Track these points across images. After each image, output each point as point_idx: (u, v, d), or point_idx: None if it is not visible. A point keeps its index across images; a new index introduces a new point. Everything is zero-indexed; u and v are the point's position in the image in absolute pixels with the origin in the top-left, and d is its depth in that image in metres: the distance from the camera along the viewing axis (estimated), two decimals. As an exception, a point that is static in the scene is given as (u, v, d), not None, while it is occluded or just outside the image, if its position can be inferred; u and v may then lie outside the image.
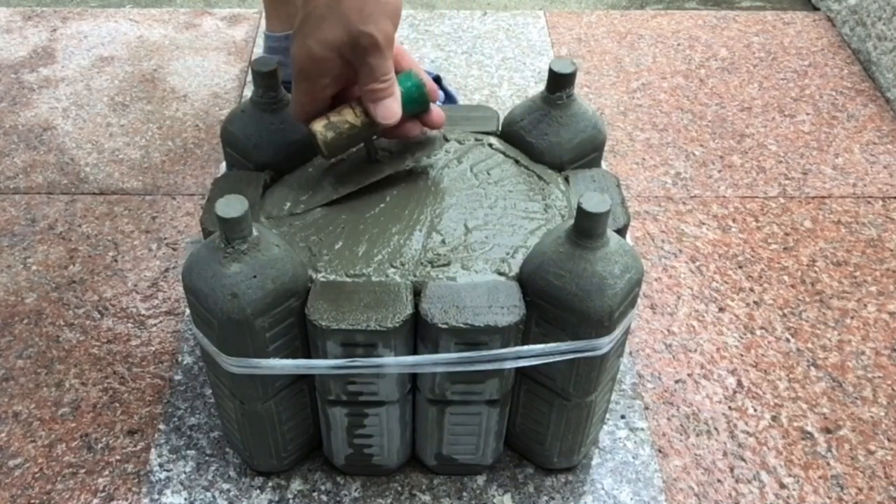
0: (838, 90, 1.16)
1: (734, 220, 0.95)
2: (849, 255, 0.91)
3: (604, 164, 0.73)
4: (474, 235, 0.62)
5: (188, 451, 0.72)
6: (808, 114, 1.12)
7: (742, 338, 0.82)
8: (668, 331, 0.83)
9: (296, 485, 0.69)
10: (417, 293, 0.58)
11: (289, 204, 0.64)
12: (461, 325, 0.55)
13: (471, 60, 1.22)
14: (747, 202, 0.98)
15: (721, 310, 0.85)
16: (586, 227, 0.55)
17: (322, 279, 0.59)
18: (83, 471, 0.70)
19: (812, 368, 0.79)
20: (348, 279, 0.59)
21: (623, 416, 0.75)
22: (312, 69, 0.59)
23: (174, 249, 0.91)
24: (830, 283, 0.88)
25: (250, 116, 0.67)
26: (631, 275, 0.56)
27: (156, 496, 0.68)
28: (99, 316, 0.83)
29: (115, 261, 0.89)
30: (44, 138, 1.06)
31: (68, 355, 0.79)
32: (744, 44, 1.26)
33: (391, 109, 0.60)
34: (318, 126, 0.61)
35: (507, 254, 0.61)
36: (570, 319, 0.56)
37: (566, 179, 0.67)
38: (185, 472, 0.70)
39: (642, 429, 0.74)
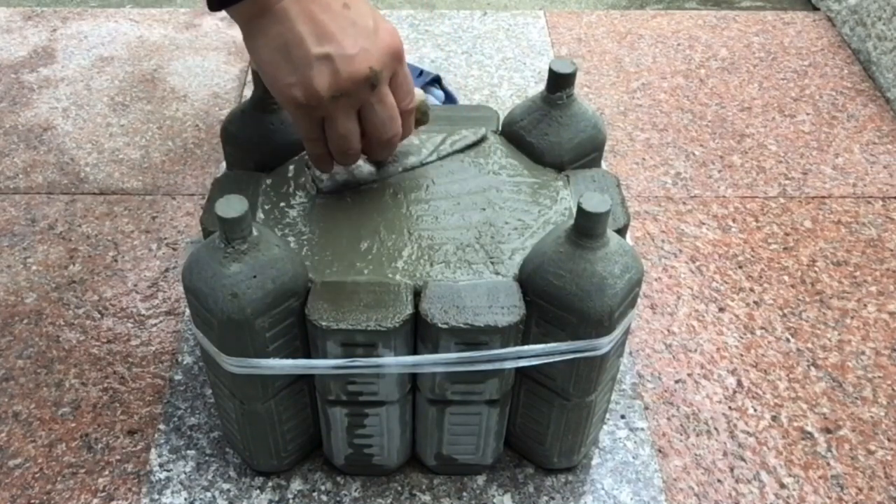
0: (838, 90, 1.16)
1: (734, 220, 0.96)
2: (849, 255, 0.91)
3: (604, 164, 0.73)
4: (473, 236, 0.62)
5: (188, 451, 0.72)
6: (808, 114, 1.12)
7: (742, 338, 0.82)
8: (668, 331, 0.83)
9: (296, 485, 0.69)
10: (417, 293, 0.58)
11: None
12: (461, 325, 0.55)
13: (471, 60, 1.22)
14: (747, 202, 0.98)
15: (721, 310, 0.85)
16: (586, 227, 0.55)
17: (322, 279, 0.59)
18: (83, 471, 0.70)
19: (812, 368, 0.79)
20: (348, 279, 0.59)
21: (623, 416, 0.75)
22: None
23: (174, 249, 0.91)
24: (830, 283, 0.88)
25: (250, 116, 0.67)
26: (631, 275, 0.56)
27: (156, 496, 0.68)
28: (99, 316, 0.83)
29: (115, 261, 0.89)
30: (44, 138, 1.07)
31: (68, 355, 0.79)
32: (744, 44, 1.26)
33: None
34: (419, 91, 0.64)
35: (507, 254, 0.61)
36: (570, 319, 0.56)
37: (566, 179, 0.67)
38: (185, 472, 0.70)
39: (642, 429, 0.74)
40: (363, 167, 0.67)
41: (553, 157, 0.68)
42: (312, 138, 0.59)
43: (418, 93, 0.64)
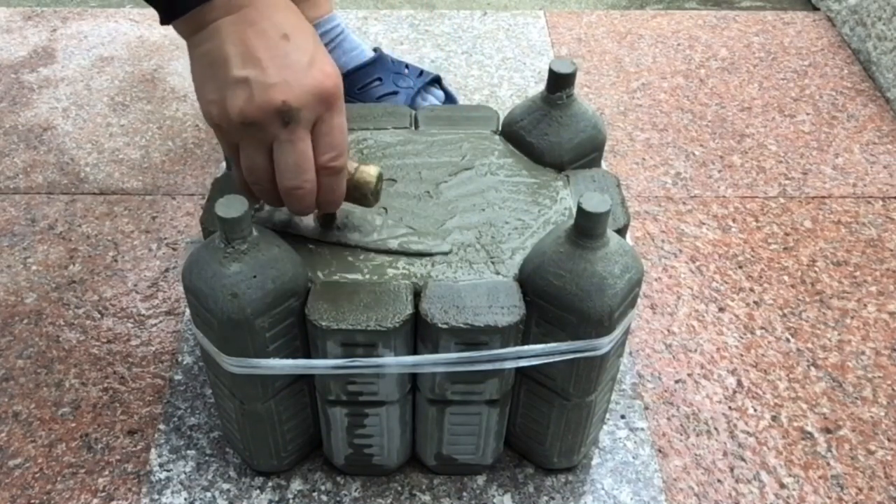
0: (838, 90, 1.16)
1: (734, 220, 0.96)
2: (849, 255, 0.91)
3: (604, 164, 0.73)
4: (474, 236, 0.62)
5: (188, 451, 0.72)
6: (808, 114, 1.12)
7: (742, 338, 0.82)
8: (668, 331, 0.83)
9: (296, 485, 0.69)
10: (417, 293, 0.58)
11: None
12: (461, 325, 0.55)
13: (471, 60, 1.22)
14: (747, 202, 0.98)
15: (721, 310, 0.85)
16: (586, 227, 0.55)
17: (322, 279, 0.59)
18: (83, 471, 0.70)
19: (812, 368, 0.79)
20: (348, 279, 0.59)
21: (623, 416, 0.75)
22: None
23: (174, 249, 0.91)
24: (830, 283, 0.88)
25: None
26: (631, 275, 0.56)
27: (156, 496, 0.68)
28: (99, 316, 0.83)
29: (115, 261, 0.89)
30: (44, 138, 1.07)
31: (68, 355, 0.79)
32: (744, 44, 1.26)
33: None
34: (374, 171, 0.59)
35: (507, 254, 0.61)
36: (570, 319, 0.56)
37: (566, 179, 0.67)
38: (185, 472, 0.70)
39: (642, 429, 0.74)
40: (307, 220, 0.62)
41: (553, 157, 0.68)
42: (233, 163, 0.57)
43: (371, 170, 0.59)
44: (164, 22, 0.53)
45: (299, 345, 0.60)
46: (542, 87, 0.70)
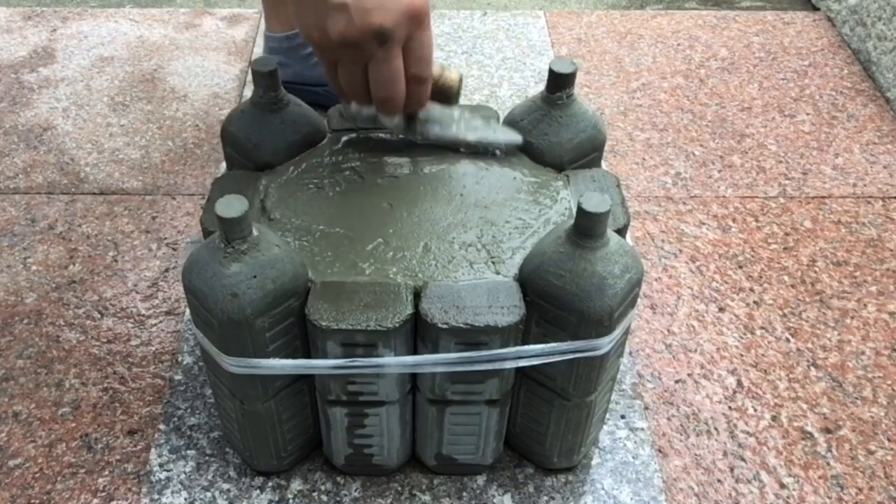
0: (838, 90, 1.16)
1: (734, 220, 0.96)
2: (849, 255, 0.91)
3: (604, 164, 0.73)
4: (474, 236, 0.62)
5: (188, 451, 0.72)
6: (808, 114, 1.12)
7: (742, 338, 0.82)
8: (668, 331, 0.83)
9: (296, 485, 0.69)
10: (417, 293, 0.58)
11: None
12: (461, 325, 0.55)
13: (471, 60, 1.22)
14: (747, 202, 0.98)
15: (721, 310, 0.85)
16: (586, 227, 0.55)
17: (322, 279, 0.59)
18: (83, 471, 0.70)
19: (812, 368, 0.79)
20: (349, 279, 0.59)
21: (623, 416, 0.75)
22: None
23: (174, 249, 0.91)
24: (830, 283, 0.88)
25: (250, 116, 0.67)
26: (631, 275, 0.56)
27: (156, 496, 0.68)
28: (99, 316, 0.83)
29: (115, 261, 0.89)
30: (44, 138, 1.07)
31: (68, 355, 0.79)
32: (744, 44, 1.26)
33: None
34: (456, 74, 0.68)
35: (507, 254, 0.61)
36: (570, 319, 0.56)
37: (566, 179, 0.67)
38: (185, 472, 0.70)
39: (642, 429, 0.74)
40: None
41: (553, 157, 0.68)
42: (330, 74, 0.63)
43: (454, 74, 0.67)
44: None
45: (299, 345, 0.60)
46: (542, 87, 0.70)
